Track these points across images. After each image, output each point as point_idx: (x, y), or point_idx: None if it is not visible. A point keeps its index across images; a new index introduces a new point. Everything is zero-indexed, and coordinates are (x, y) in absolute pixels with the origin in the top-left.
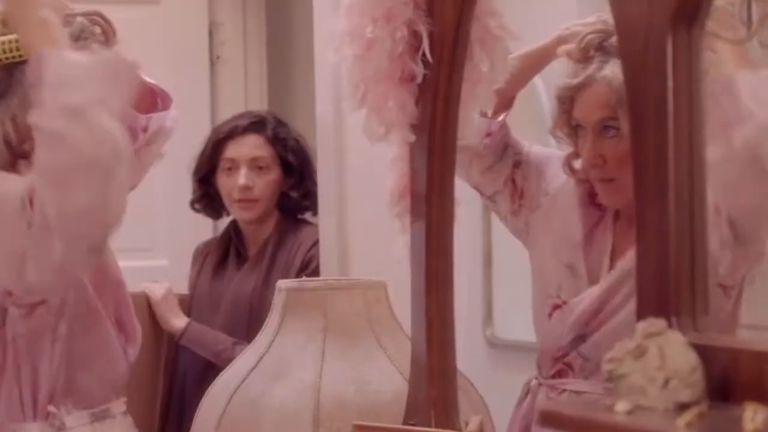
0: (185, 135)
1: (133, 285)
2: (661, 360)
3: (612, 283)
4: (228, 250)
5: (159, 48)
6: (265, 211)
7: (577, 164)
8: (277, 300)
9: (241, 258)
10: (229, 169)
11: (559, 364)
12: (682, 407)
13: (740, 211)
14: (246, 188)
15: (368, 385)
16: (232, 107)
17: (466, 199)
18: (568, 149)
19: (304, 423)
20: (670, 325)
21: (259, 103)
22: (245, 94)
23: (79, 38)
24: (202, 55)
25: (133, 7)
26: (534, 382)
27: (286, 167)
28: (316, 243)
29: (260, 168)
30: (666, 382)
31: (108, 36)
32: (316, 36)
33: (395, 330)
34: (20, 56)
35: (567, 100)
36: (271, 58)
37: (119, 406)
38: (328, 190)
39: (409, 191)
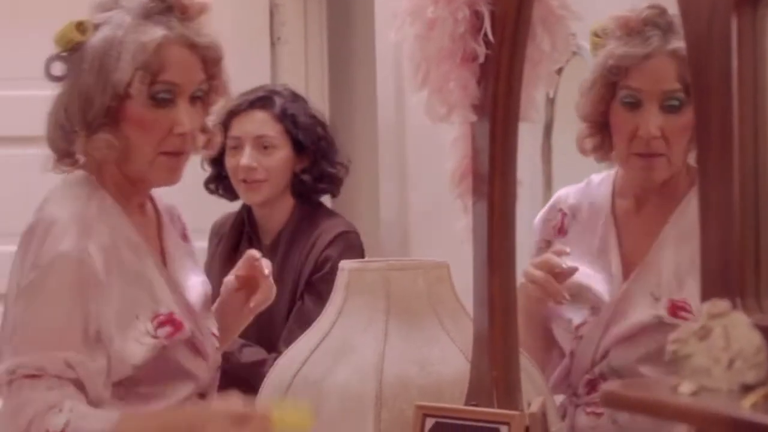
0: None
1: None
2: (726, 341)
3: (629, 286)
4: (241, 237)
5: (220, 29)
6: (273, 193)
7: (588, 143)
8: (340, 280)
9: (254, 248)
10: (235, 147)
11: (593, 378)
12: (747, 388)
13: None
14: (249, 168)
15: (430, 366)
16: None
17: (527, 179)
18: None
19: (366, 404)
20: (734, 306)
21: (320, 84)
22: (306, 75)
23: (110, 7)
24: (262, 36)
25: None
26: (569, 404)
27: (298, 146)
28: (335, 239)
29: (266, 147)
30: (731, 362)
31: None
32: (377, 16)
33: (457, 311)
34: None
35: (621, 70)
36: (332, 39)
37: None
38: (389, 171)
39: (470, 172)
